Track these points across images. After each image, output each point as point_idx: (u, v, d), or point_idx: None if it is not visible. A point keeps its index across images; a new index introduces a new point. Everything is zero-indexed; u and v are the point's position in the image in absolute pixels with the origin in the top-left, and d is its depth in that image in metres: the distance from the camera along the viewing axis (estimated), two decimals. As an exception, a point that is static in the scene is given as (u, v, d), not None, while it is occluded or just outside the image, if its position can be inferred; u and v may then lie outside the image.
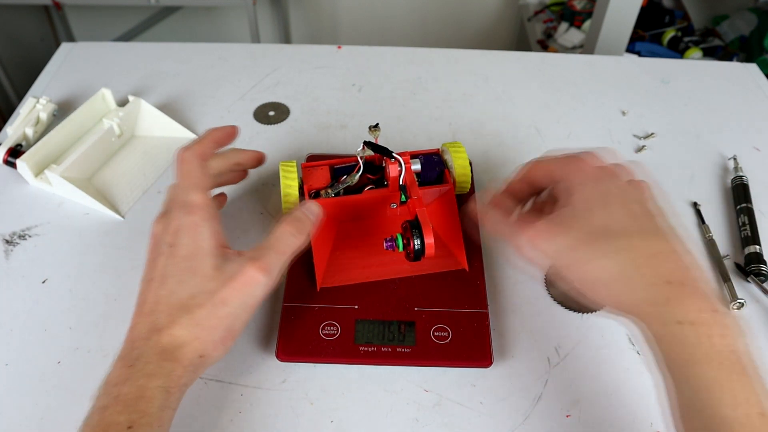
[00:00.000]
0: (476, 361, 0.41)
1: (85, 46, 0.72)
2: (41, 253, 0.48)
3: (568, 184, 0.36)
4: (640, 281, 0.31)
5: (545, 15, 1.72)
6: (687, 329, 0.29)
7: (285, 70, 0.69)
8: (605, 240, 0.33)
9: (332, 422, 0.39)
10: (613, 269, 0.32)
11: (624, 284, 0.32)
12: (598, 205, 0.34)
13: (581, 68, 0.70)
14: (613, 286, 0.32)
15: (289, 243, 0.38)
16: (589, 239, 0.33)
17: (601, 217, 0.33)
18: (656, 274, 0.31)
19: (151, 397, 0.32)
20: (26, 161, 0.51)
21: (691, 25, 1.58)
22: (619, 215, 0.33)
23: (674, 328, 0.30)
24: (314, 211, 0.41)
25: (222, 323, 0.35)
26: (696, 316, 0.30)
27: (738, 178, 0.55)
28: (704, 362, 0.29)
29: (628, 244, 0.32)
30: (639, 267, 0.32)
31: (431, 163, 0.47)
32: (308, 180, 0.46)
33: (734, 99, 0.66)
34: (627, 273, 0.32)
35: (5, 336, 0.43)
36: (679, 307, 0.30)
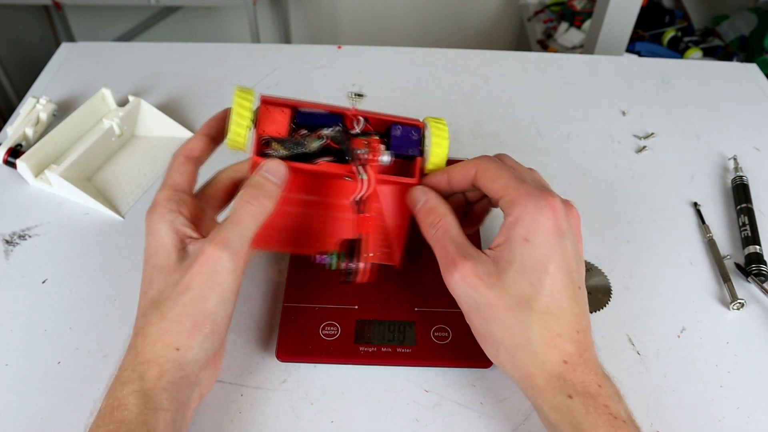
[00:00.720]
0: (476, 362, 0.41)
1: (85, 46, 0.72)
2: (41, 253, 0.48)
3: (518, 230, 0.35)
4: (541, 357, 0.34)
5: (545, 15, 1.72)
6: (576, 402, 0.33)
7: (285, 70, 0.69)
8: (526, 311, 0.34)
9: (332, 422, 0.39)
10: (521, 340, 0.34)
11: (527, 356, 0.34)
12: (534, 272, 0.34)
13: (581, 68, 0.70)
14: (516, 353, 0.34)
15: (246, 211, 0.35)
16: (512, 305, 0.34)
17: (531, 287, 0.34)
18: (558, 353, 0.34)
19: (126, 404, 0.32)
20: (26, 161, 0.51)
21: (691, 25, 1.58)
22: (549, 288, 0.34)
23: (564, 401, 0.33)
24: (275, 171, 0.37)
25: (188, 310, 0.34)
26: (584, 390, 0.33)
27: (738, 178, 0.55)
28: (592, 430, 0.32)
29: (544, 322, 0.34)
30: (544, 344, 0.34)
31: (407, 140, 0.40)
32: (264, 121, 0.38)
33: (734, 99, 0.66)
34: (533, 348, 0.34)
35: (5, 336, 0.43)
36: (571, 384, 0.33)
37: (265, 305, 0.45)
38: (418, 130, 0.40)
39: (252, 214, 0.35)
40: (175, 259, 0.35)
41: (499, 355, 0.35)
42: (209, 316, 0.34)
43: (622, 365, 0.42)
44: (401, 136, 0.40)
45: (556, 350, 0.34)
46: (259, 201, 0.36)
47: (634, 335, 0.43)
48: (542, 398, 0.34)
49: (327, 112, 0.39)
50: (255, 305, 0.45)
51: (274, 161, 0.37)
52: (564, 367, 0.34)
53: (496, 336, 0.35)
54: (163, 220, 0.36)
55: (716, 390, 0.41)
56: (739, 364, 0.42)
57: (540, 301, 0.34)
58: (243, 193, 0.36)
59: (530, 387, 0.34)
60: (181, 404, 0.34)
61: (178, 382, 0.34)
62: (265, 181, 0.36)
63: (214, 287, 0.34)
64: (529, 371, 0.34)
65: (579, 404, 0.33)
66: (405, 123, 0.40)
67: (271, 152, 0.37)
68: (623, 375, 0.41)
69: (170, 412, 0.33)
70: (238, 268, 0.35)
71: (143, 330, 0.34)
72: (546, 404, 0.34)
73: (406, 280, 0.45)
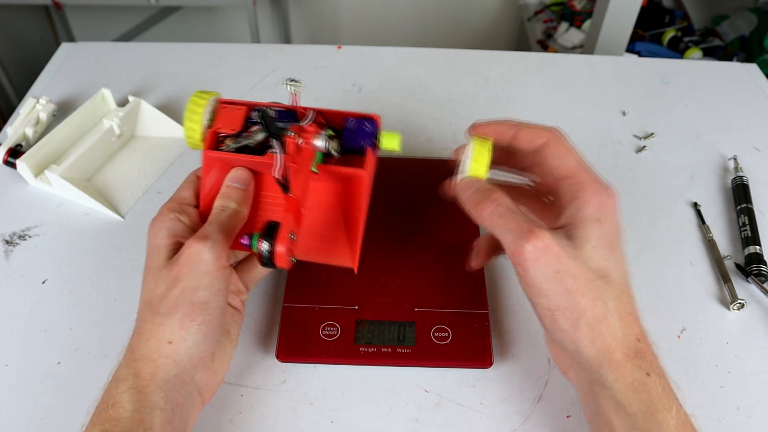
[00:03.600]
0: (476, 362, 0.41)
1: (85, 46, 0.72)
2: (41, 253, 0.48)
3: (589, 210, 0.35)
4: (621, 333, 0.34)
5: (545, 15, 1.72)
6: (653, 380, 0.33)
7: (285, 70, 0.68)
8: (606, 284, 0.34)
9: (332, 422, 0.39)
10: (603, 312, 0.33)
11: (608, 329, 0.33)
12: (609, 250, 0.35)
13: (581, 68, 0.70)
14: (597, 326, 0.33)
15: (217, 216, 0.38)
16: (593, 278, 0.34)
17: (608, 263, 0.34)
18: (632, 330, 0.34)
19: (120, 401, 0.32)
20: (26, 161, 0.51)
21: (691, 25, 1.58)
22: (620, 267, 0.35)
23: (643, 378, 0.33)
24: (238, 178, 0.39)
25: (179, 301, 0.35)
26: (658, 370, 0.34)
27: (738, 179, 0.55)
28: (665, 411, 0.32)
29: (619, 298, 0.34)
30: (621, 319, 0.34)
31: (360, 133, 0.39)
32: (220, 119, 0.39)
33: (734, 99, 0.66)
34: (613, 321, 0.33)
35: (5, 336, 0.43)
36: (647, 362, 0.33)
37: (265, 305, 0.45)
38: (372, 122, 0.39)
39: (226, 216, 0.38)
40: (166, 257, 0.36)
41: (579, 328, 0.33)
42: (199, 306, 0.35)
43: (622, 365, 0.42)
44: (354, 128, 0.39)
45: (630, 327, 0.34)
46: (230, 206, 0.38)
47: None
48: (618, 374, 0.33)
49: (281, 108, 0.40)
50: (255, 305, 0.45)
51: (237, 169, 0.39)
52: (639, 345, 0.34)
53: (578, 307, 0.33)
54: (163, 226, 0.38)
55: (716, 390, 0.41)
56: (740, 364, 0.42)
57: (615, 277, 0.34)
58: (216, 205, 0.38)
59: (607, 362, 0.33)
60: (176, 404, 0.34)
61: (173, 380, 0.34)
62: (231, 190, 0.39)
63: (201, 277, 0.35)
64: (609, 345, 0.33)
65: (656, 383, 0.33)
66: (360, 116, 0.39)
67: (223, 147, 0.38)
68: (623, 375, 0.41)
69: (166, 411, 0.33)
70: (221, 258, 0.36)
71: (139, 329, 0.35)
72: (621, 381, 0.33)
73: (406, 280, 0.45)
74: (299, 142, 0.37)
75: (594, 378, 0.34)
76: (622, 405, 0.33)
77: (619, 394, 0.33)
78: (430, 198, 0.51)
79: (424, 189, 0.52)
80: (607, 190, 0.36)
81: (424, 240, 0.48)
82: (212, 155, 0.38)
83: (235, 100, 0.40)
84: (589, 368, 0.34)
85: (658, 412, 0.32)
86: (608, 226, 0.35)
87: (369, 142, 0.39)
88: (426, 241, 0.48)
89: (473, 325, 0.42)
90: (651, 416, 0.32)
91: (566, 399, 0.40)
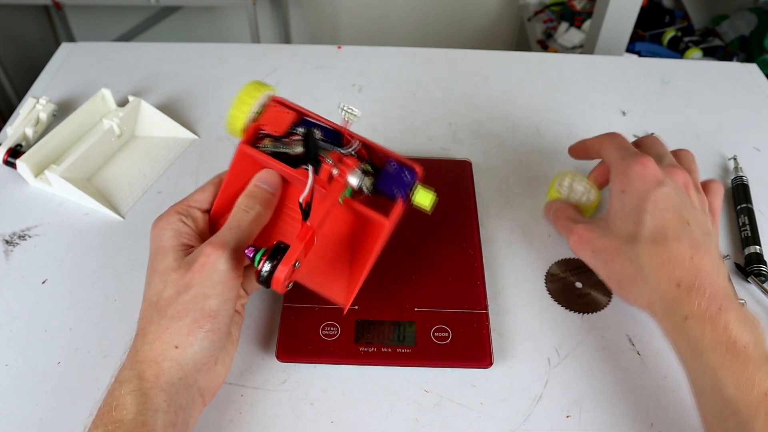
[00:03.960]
0: (476, 362, 0.41)
1: (85, 46, 0.72)
2: (41, 253, 0.48)
3: (615, 187, 0.42)
4: (655, 283, 0.37)
5: (545, 15, 1.72)
6: (691, 324, 0.34)
7: (285, 70, 0.69)
8: (633, 245, 0.38)
9: (332, 422, 0.39)
10: (634, 271, 0.38)
11: (642, 284, 0.38)
12: (635, 213, 0.39)
13: (581, 68, 0.70)
14: (634, 284, 0.38)
15: (240, 218, 0.37)
16: (620, 244, 0.39)
17: (635, 225, 0.39)
18: (669, 278, 0.36)
19: (123, 403, 0.32)
20: (26, 161, 0.51)
21: (691, 25, 1.59)
22: (650, 224, 0.38)
23: (681, 323, 0.35)
24: (267, 180, 0.38)
25: (188, 307, 0.34)
26: (700, 313, 0.34)
27: (738, 179, 0.55)
28: (708, 351, 0.33)
29: (650, 251, 0.37)
30: (655, 270, 0.37)
31: (397, 179, 0.37)
32: (266, 116, 0.38)
33: (734, 99, 0.66)
34: (644, 275, 0.37)
35: (5, 336, 0.43)
36: (686, 306, 0.35)
37: (265, 305, 0.45)
38: (413, 173, 0.38)
39: (249, 221, 0.37)
40: (173, 258, 0.36)
41: (626, 290, 0.39)
42: (209, 314, 0.34)
43: (622, 365, 0.42)
44: (393, 174, 0.37)
45: (666, 274, 0.36)
46: (255, 209, 0.37)
47: (634, 335, 0.43)
48: (663, 323, 0.37)
49: (329, 127, 0.38)
50: (255, 305, 0.45)
51: (267, 171, 0.39)
52: (678, 291, 0.36)
53: (615, 274, 0.39)
54: (169, 227, 0.37)
55: (716, 390, 0.41)
56: (739, 364, 0.42)
57: (643, 234, 0.38)
58: (239, 202, 0.38)
59: (653, 315, 0.38)
60: (179, 407, 0.34)
61: (177, 384, 0.34)
62: (259, 190, 0.38)
63: (215, 285, 0.34)
64: (649, 299, 0.37)
65: (695, 326, 0.34)
66: (403, 163, 0.38)
67: (260, 146, 0.38)
68: (623, 375, 0.41)
69: (169, 414, 0.33)
70: (237, 269, 0.35)
71: (143, 330, 0.35)
72: (666, 328, 0.37)
73: (406, 280, 0.45)
74: (334, 172, 0.36)
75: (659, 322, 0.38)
76: (676, 348, 0.36)
77: (670, 340, 0.36)
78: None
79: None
80: (632, 162, 0.40)
81: (424, 240, 0.48)
82: (247, 150, 0.37)
83: (288, 102, 0.39)
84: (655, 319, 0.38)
85: (701, 354, 0.33)
86: (633, 191, 0.39)
87: (402, 193, 0.37)
88: (426, 241, 0.48)
89: (473, 325, 0.42)
90: (696, 358, 0.34)
91: (566, 399, 0.40)
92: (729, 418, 0.32)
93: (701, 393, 0.34)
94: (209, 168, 0.56)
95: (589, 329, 0.44)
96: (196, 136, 0.60)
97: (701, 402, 0.35)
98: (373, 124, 0.61)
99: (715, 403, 0.33)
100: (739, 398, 0.32)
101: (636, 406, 0.40)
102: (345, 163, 0.36)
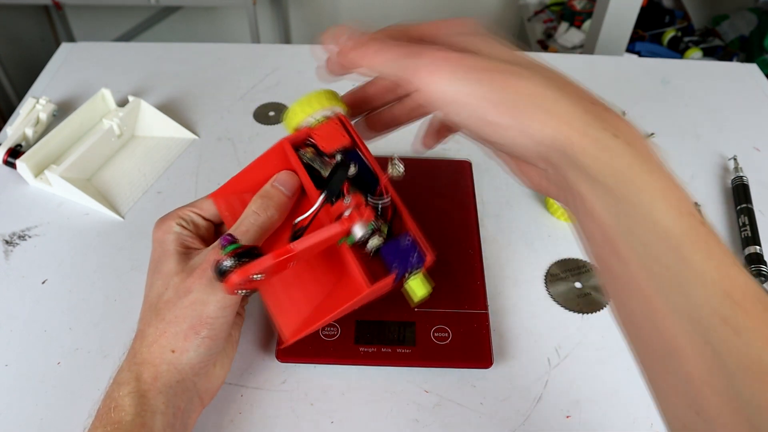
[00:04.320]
0: (476, 362, 0.41)
1: (85, 46, 0.72)
2: (41, 253, 0.48)
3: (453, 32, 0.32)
4: (568, 97, 0.29)
5: (545, 15, 1.72)
6: (622, 142, 0.28)
7: (285, 70, 0.68)
8: (522, 66, 0.29)
9: (332, 423, 0.39)
10: (537, 90, 0.28)
11: (551, 103, 0.28)
12: (503, 46, 0.31)
13: (581, 68, 0.70)
14: (538, 105, 0.28)
15: (251, 221, 0.36)
16: (507, 65, 0.29)
17: (509, 53, 0.31)
18: (580, 97, 0.29)
19: (122, 405, 0.32)
20: (26, 162, 0.51)
21: (691, 25, 1.59)
22: (521, 55, 0.30)
23: (609, 141, 0.28)
24: (286, 182, 0.37)
25: (186, 312, 0.34)
26: (629, 132, 0.28)
27: (738, 179, 0.54)
28: (644, 172, 0.27)
29: (545, 72, 0.30)
30: (562, 87, 0.29)
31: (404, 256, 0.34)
32: (323, 128, 0.36)
33: (734, 99, 0.66)
34: (551, 93, 0.28)
35: (5, 336, 0.43)
36: (613, 123, 0.28)
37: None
38: (421, 259, 0.34)
39: (259, 225, 0.36)
40: (176, 261, 0.36)
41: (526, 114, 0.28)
42: (207, 321, 0.34)
43: (622, 365, 0.42)
44: (401, 249, 0.34)
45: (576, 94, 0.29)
46: (267, 212, 0.36)
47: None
48: (582, 148, 0.28)
49: (372, 169, 0.36)
50: (255, 305, 0.45)
51: (288, 173, 0.37)
52: (596, 108, 0.29)
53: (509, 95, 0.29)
54: (171, 231, 0.37)
55: (716, 390, 0.41)
56: (739, 364, 0.42)
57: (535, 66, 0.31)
58: (253, 203, 0.36)
59: (564, 145, 0.28)
60: (178, 409, 0.34)
61: (175, 386, 0.34)
62: (276, 192, 0.37)
63: (215, 292, 0.34)
64: (562, 119, 0.28)
65: (627, 146, 0.28)
66: (418, 242, 0.35)
67: (300, 151, 0.36)
68: (623, 375, 0.41)
69: (167, 415, 0.33)
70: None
71: (142, 332, 0.35)
72: (587, 156, 0.28)
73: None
74: (346, 213, 0.34)
75: (567, 165, 0.28)
76: (600, 183, 0.27)
77: (589, 168, 0.28)
78: (429, 198, 0.51)
79: (424, 189, 0.52)
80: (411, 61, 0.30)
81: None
82: (287, 148, 0.36)
83: (350, 125, 0.37)
84: (556, 157, 0.29)
85: (629, 170, 0.27)
86: (492, 36, 0.31)
87: (400, 271, 0.34)
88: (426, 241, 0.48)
89: (473, 325, 0.42)
90: (629, 185, 0.27)
91: (566, 399, 0.40)
92: (665, 254, 0.26)
93: (629, 232, 0.27)
94: (209, 168, 0.56)
95: (588, 329, 0.44)
96: (196, 136, 0.60)
97: (627, 242, 0.27)
98: (373, 124, 0.61)
99: (648, 239, 0.26)
100: (678, 228, 0.26)
101: (636, 406, 0.40)
102: (361, 211, 0.34)
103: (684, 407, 0.26)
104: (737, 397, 0.24)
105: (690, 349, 0.25)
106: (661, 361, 0.27)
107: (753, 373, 0.23)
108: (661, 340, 0.26)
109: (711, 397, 0.24)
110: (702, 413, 0.25)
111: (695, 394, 0.25)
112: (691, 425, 0.25)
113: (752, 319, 0.24)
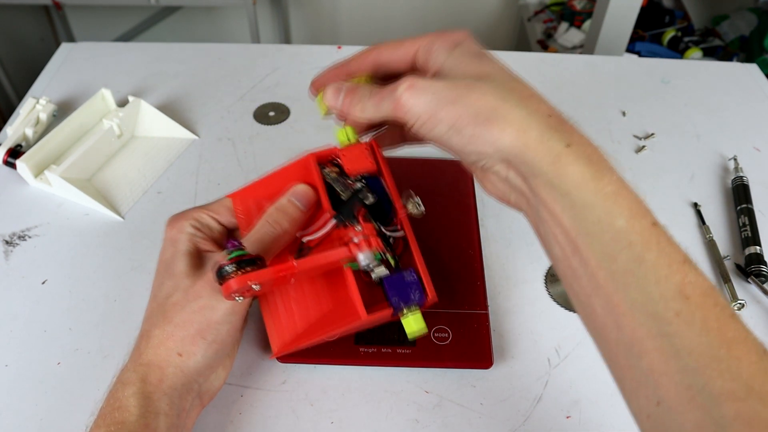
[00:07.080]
0: (476, 362, 0.41)
1: (85, 46, 0.72)
2: (41, 253, 0.48)
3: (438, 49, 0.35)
4: (525, 108, 0.31)
5: (545, 15, 1.72)
6: (575, 152, 0.30)
7: (285, 71, 0.68)
8: (485, 81, 0.32)
9: (332, 423, 0.39)
10: (496, 102, 0.31)
11: (509, 113, 0.31)
12: (475, 57, 0.34)
13: (581, 68, 0.70)
14: (497, 116, 0.31)
15: (264, 232, 0.36)
16: (470, 82, 0.32)
17: (480, 65, 0.34)
18: (537, 108, 0.31)
19: (126, 405, 0.32)
20: (26, 162, 0.51)
21: (691, 25, 1.59)
22: (490, 67, 0.34)
23: (562, 151, 0.30)
24: (302, 197, 0.37)
25: (195, 317, 0.34)
26: (582, 141, 0.31)
27: (738, 179, 0.54)
28: (596, 179, 0.29)
29: (508, 85, 0.32)
30: (521, 101, 0.31)
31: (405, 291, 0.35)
32: (352, 150, 0.37)
33: (734, 99, 0.66)
34: (510, 105, 0.31)
35: (5, 337, 0.43)
36: (566, 134, 0.31)
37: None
38: (422, 296, 0.35)
39: (272, 237, 0.36)
40: (187, 264, 0.36)
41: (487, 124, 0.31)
42: (214, 326, 0.35)
43: (622, 366, 0.42)
44: (405, 283, 0.35)
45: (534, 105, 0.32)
46: (281, 224, 0.36)
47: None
48: (537, 158, 0.30)
49: (391, 200, 0.37)
50: (255, 306, 0.45)
51: (305, 187, 0.38)
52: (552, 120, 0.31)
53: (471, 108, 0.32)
54: (184, 231, 0.37)
55: (716, 390, 0.41)
56: (739, 364, 0.42)
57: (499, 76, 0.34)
58: (267, 215, 0.37)
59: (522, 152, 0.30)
60: (182, 410, 0.34)
61: (179, 389, 0.34)
62: (291, 206, 0.37)
63: (224, 299, 0.34)
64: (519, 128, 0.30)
65: (580, 154, 0.30)
66: (423, 279, 0.36)
67: (325, 168, 0.37)
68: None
69: (171, 416, 0.33)
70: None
71: (148, 333, 0.35)
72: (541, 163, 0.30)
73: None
74: (354, 240, 0.34)
75: (527, 172, 0.31)
76: (556, 189, 0.30)
77: (546, 174, 0.30)
78: (430, 198, 0.51)
79: (423, 189, 0.52)
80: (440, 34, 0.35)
81: (424, 240, 0.48)
82: (311, 163, 0.37)
83: (380, 153, 0.38)
84: (516, 164, 0.31)
85: (588, 182, 0.29)
86: (467, 46, 0.35)
87: (399, 305, 0.35)
88: (426, 241, 0.48)
89: (473, 325, 0.42)
90: (583, 190, 0.29)
91: (566, 399, 0.40)
92: (621, 253, 0.28)
93: (587, 234, 0.29)
94: (209, 168, 0.56)
95: (589, 329, 0.44)
96: (196, 136, 0.60)
97: (586, 243, 0.29)
98: (373, 125, 0.61)
99: (605, 239, 0.28)
100: (632, 229, 0.28)
101: (636, 406, 0.40)
102: (369, 240, 0.34)
103: (646, 398, 0.27)
104: (692, 385, 0.25)
105: (648, 343, 0.27)
106: (624, 355, 0.28)
107: (704, 362, 0.25)
108: (622, 335, 0.28)
109: (669, 387, 0.26)
110: (662, 403, 0.26)
111: (655, 385, 0.27)
112: (654, 415, 0.27)
113: (702, 312, 0.26)
